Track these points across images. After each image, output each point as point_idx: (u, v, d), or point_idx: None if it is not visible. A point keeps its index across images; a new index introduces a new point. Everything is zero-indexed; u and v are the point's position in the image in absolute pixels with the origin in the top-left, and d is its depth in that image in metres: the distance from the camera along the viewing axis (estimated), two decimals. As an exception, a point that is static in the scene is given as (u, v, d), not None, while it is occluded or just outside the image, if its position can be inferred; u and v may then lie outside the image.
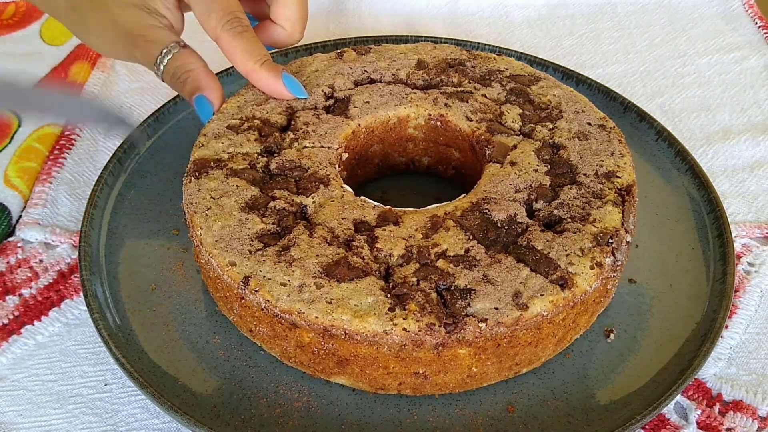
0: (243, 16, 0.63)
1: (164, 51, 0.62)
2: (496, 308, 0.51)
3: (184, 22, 0.66)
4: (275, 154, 0.62)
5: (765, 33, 0.97)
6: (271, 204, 0.57)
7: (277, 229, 0.55)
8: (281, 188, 0.59)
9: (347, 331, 0.50)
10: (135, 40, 0.62)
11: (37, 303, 0.63)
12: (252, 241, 0.54)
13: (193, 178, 0.59)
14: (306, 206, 0.57)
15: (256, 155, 0.61)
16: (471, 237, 0.56)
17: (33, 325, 0.62)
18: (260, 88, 0.65)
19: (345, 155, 0.65)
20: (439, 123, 0.68)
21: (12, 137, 0.79)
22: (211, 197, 0.57)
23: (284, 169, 0.60)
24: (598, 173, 0.61)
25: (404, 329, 0.50)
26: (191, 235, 0.58)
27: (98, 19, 0.63)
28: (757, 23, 0.98)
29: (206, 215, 0.56)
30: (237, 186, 0.58)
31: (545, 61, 0.83)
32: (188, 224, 0.58)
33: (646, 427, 0.57)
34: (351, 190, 0.60)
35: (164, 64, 0.63)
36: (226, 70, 0.80)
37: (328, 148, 0.63)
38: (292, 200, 0.57)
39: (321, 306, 0.51)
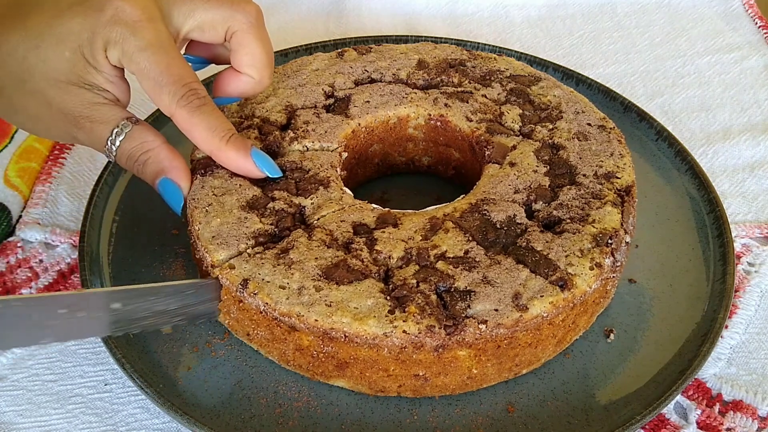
0: (199, 86, 0.55)
1: (115, 131, 0.55)
2: (496, 310, 0.51)
3: (131, 89, 0.58)
4: (277, 154, 0.62)
5: (765, 33, 0.97)
6: (271, 204, 0.57)
7: (275, 230, 0.56)
8: (281, 189, 0.59)
9: (347, 334, 0.50)
10: (78, 122, 0.55)
11: (37, 303, 0.63)
12: (248, 239, 0.55)
13: (198, 176, 0.59)
14: (304, 207, 0.57)
15: None
16: (470, 238, 0.56)
17: (33, 325, 0.62)
18: (228, 167, 0.58)
19: (345, 154, 0.65)
20: (439, 123, 0.68)
21: (12, 137, 0.79)
22: (213, 194, 0.58)
23: (285, 170, 0.60)
24: (598, 174, 0.61)
25: (404, 331, 0.50)
26: (189, 230, 0.58)
27: (29, 101, 0.55)
28: (757, 23, 0.98)
29: (206, 211, 0.56)
30: (240, 185, 0.58)
31: (545, 61, 0.83)
32: (189, 219, 0.58)
33: (646, 427, 0.57)
34: (350, 192, 0.60)
35: (117, 146, 0.55)
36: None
37: (331, 151, 0.63)
38: (291, 201, 0.57)
39: (320, 309, 0.51)
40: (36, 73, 0.53)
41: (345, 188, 0.60)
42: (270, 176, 0.59)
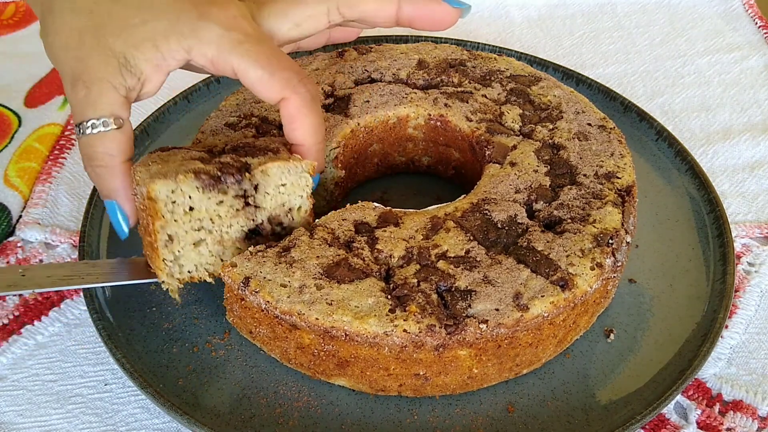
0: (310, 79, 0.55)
1: (92, 122, 0.51)
2: (497, 309, 0.51)
3: (160, 87, 0.55)
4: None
5: (765, 33, 0.97)
6: (217, 159, 0.54)
7: (218, 173, 0.52)
8: (228, 156, 0.55)
9: (348, 333, 0.50)
10: (74, 81, 0.51)
11: (37, 303, 0.63)
12: (188, 173, 0.51)
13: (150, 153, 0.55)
14: (250, 164, 0.54)
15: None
16: (471, 238, 0.56)
17: (33, 325, 0.62)
18: (310, 159, 0.56)
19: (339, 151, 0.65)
20: (438, 123, 0.68)
21: (12, 137, 0.79)
22: (159, 156, 0.54)
23: (236, 147, 0.57)
24: (598, 174, 0.61)
25: (405, 330, 0.50)
26: (134, 193, 0.54)
27: (68, 29, 0.52)
28: (757, 23, 0.98)
29: (148, 164, 0.52)
30: (187, 151, 0.55)
31: (545, 61, 0.83)
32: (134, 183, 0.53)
33: (646, 427, 0.57)
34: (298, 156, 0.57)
35: (85, 134, 0.52)
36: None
37: (330, 150, 0.64)
38: (238, 159, 0.54)
39: (321, 307, 0.51)
40: (101, 21, 0.52)
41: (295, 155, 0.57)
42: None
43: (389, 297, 0.52)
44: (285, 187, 0.55)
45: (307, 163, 0.55)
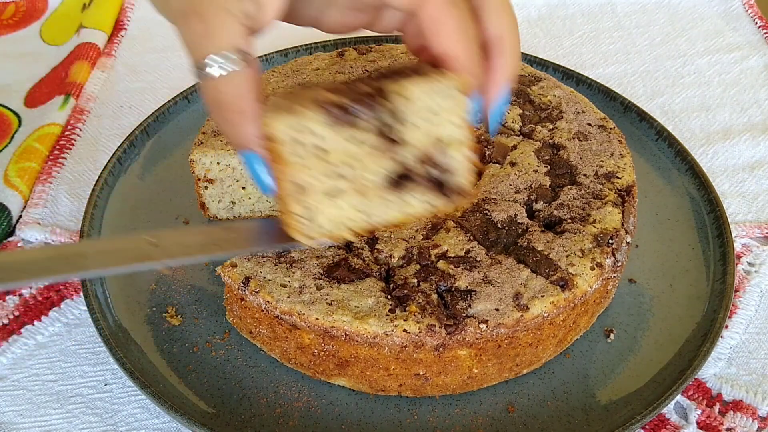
0: None
1: (214, 58, 0.43)
2: (497, 309, 0.51)
3: (278, 15, 0.46)
4: None
5: (765, 33, 0.97)
6: (350, 86, 0.44)
7: (347, 102, 0.42)
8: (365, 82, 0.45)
9: (347, 333, 0.50)
10: (187, 16, 0.43)
11: (37, 303, 0.63)
12: (317, 107, 0.42)
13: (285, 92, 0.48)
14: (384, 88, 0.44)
15: None
16: (471, 238, 0.56)
17: (33, 325, 0.62)
18: (470, 76, 0.45)
19: None
20: (439, 123, 0.68)
21: (12, 137, 0.79)
22: (292, 94, 0.45)
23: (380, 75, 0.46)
24: (598, 174, 0.61)
25: (405, 330, 0.50)
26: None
27: None
28: (757, 23, 0.98)
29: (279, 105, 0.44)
30: (323, 86, 0.45)
31: (545, 61, 0.82)
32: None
33: (647, 427, 0.57)
34: None
35: (209, 77, 0.43)
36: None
37: None
38: (373, 84, 0.44)
39: (321, 307, 0.51)
40: None
41: None
42: (490, 128, 0.48)
43: (389, 297, 0.52)
44: (435, 114, 0.44)
45: (462, 81, 0.43)
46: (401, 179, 0.45)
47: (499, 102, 0.48)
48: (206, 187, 0.65)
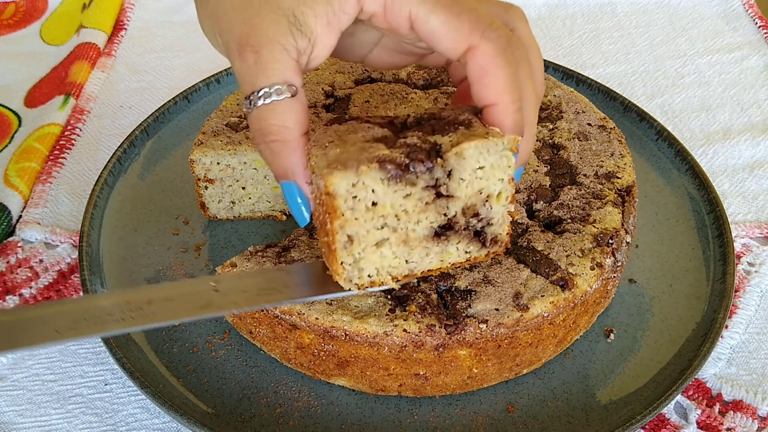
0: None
1: (264, 90, 0.45)
2: (497, 309, 0.51)
3: (330, 52, 0.48)
4: None
5: (765, 33, 0.97)
6: (401, 140, 0.45)
7: (405, 160, 0.44)
8: (414, 131, 0.46)
9: (347, 332, 0.50)
10: (242, 49, 0.46)
11: (37, 303, 0.63)
12: (371, 162, 0.43)
13: (326, 126, 0.49)
14: (441, 145, 0.45)
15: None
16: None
17: (33, 325, 0.62)
18: (510, 129, 0.46)
19: None
20: (439, 123, 0.68)
21: (12, 137, 0.79)
22: (336, 133, 0.47)
23: (421, 120, 0.48)
24: (598, 174, 0.61)
25: (405, 330, 0.50)
26: (309, 181, 0.47)
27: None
28: (757, 23, 0.98)
29: (325, 145, 0.46)
30: (369, 126, 0.47)
31: (545, 61, 0.82)
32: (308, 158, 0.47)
33: (647, 427, 0.57)
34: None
35: (257, 106, 0.46)
36: (225, 69, 0.80)
37: None
38: (426, 138, 0.45)
39: (321, 307, 0.51)
40: None
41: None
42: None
43: (389, 297, 0.52)
44: (483, 171, 0.45)
45: (509, 140, 0.45)
46: (444, 229, 0.47)
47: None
48: (206, 187, 0.65)
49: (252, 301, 0.48)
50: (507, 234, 0.49)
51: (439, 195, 0.45)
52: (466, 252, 0.48)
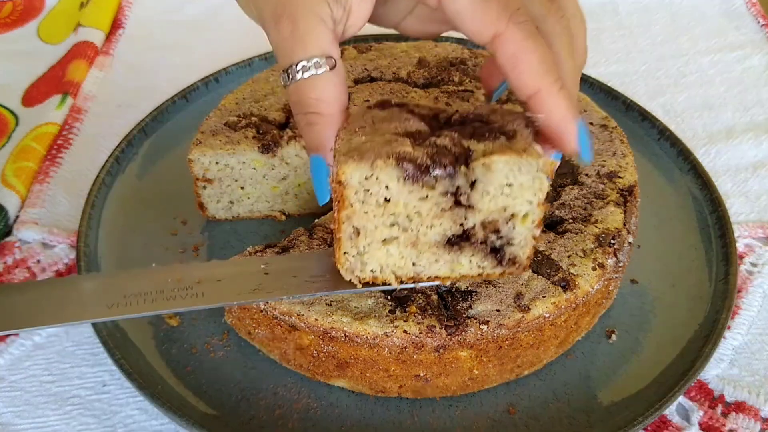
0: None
1: (302, 63, 0.44)
2: (498, 310, 0.51)
3: (365, 22, 0.48)
4: (275, 154, 0.62)
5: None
6: (433, 139, 0.43)
7: (426, 161, 0.42)
8: (452, 131, 0.44)
9: (347, 334, 0.50)
10: (278, 19, 0.45)
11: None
12: (388, 158, 0.42)
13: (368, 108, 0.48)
14: (473, 152, 0.43)
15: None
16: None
17: (30, 325, 0.61)
18: (546, 114, 0.44)
19: None
20: (439, 122, 0.67)
21: (9, 137, 0.79)
22: (372, 119, 0.46)
23: (465, 119, 0.46)
24: (600, 173, 0.61)
25: (405, 331, 0.49)
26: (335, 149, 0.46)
27: None
28: (759, 22, 0.98)
29: (355, 130, 0.44)
30: (407, 118, 0.45)
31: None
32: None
33: (648, 428, 0.56)
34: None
35: (296, 80, 0.45)
36: (224, 69, 0.80)
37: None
38: (460, 141, 0.43)
39: (320, 308, 0.50)
40: None
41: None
42: (581, 157, 0.46)
43: (389, 298, 0.51)
44: (511, 188, 0.43)
45: (546, 162, 0.42)
46: (458, 239, 0.45)
47: (577, 131, 0.45)
48: (204, 187, 0.65)
49: (302, 288, 0.47)
50: (527, 258, 0.46)
51: (458, 203, 0.44)
52: (480, 267, 0.46)
